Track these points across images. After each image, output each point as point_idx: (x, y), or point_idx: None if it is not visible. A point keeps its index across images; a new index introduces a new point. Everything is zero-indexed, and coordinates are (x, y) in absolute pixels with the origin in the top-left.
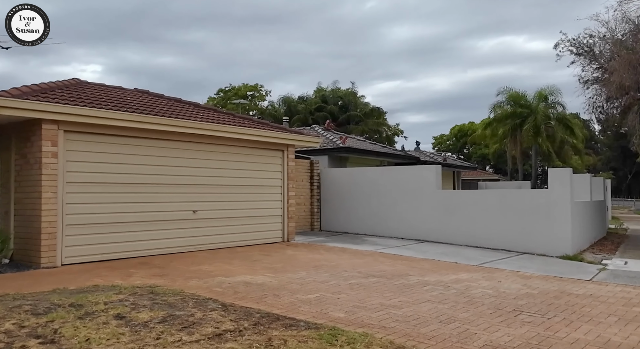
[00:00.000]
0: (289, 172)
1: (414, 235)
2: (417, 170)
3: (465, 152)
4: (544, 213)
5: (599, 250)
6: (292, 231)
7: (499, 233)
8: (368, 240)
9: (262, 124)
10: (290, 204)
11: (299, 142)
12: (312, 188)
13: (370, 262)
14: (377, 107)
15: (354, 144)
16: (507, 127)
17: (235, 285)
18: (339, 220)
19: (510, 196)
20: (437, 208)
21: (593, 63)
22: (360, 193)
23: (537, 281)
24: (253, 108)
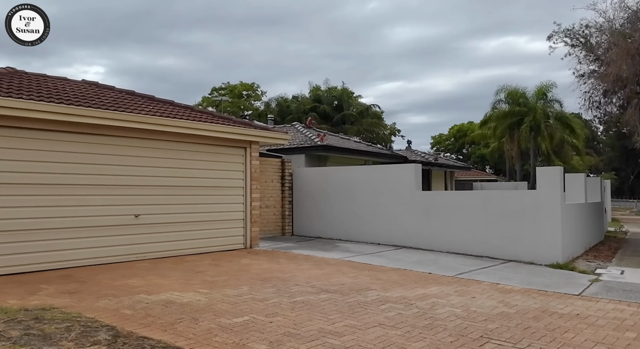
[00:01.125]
0: (252, 171)
1: (392, 240)
2: (393, 169)
3: (464, 152)
4: (531, 216)
5: (593, 257)
6: (256, 236)
7: (482, 239)
8: (340, 246)
9: (224, 119)
10: (254, 207)
11: (263, 139)
12: (283, 189)
13: (331, 273)
14: (371, 105)
15: (334, 142)
16: (505, 126)
17: (153, 305)
18: (313, 223)
19: (495, 198)
20: (415, 211)
21: (589, 55)
22: (335, 194)
23: (517, 297)
24: (248, 108)
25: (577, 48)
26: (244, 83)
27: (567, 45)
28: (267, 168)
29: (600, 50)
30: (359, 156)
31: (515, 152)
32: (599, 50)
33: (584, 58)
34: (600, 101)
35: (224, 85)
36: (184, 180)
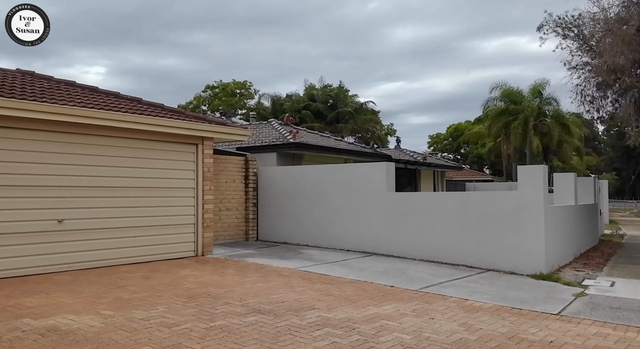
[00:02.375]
0: (204, 171)
1: (362, 246)
2: (364, 168)
3: (462, 152)
4: (512, 220)
5: (583, 265)
6: (209, 243)
7: (458, 245)
8: (304, 254)
9: (174, 113)
10: (207, 210)
11: (218, 135)
12: (247, 190)
13: (277, 287)
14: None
15: (310, 139)
16: (500, 125)
17: (30, 333)
18: (279, 228)
19: (473, 200)
20: (387, 214)
21: (582, 46)
22: (302, 195)
23: (484, 318)
24: (241, 107)
25: (569, 39)
26: (236, 82)
27: (558, 35)
28: (228, 167)
29: (594, 40)
30: (338, 154)
31: (511, 151)
32: (592, 41)
33: (576, 50)
34: (594, 95)
35: (217, 84)
36: (121, 180)
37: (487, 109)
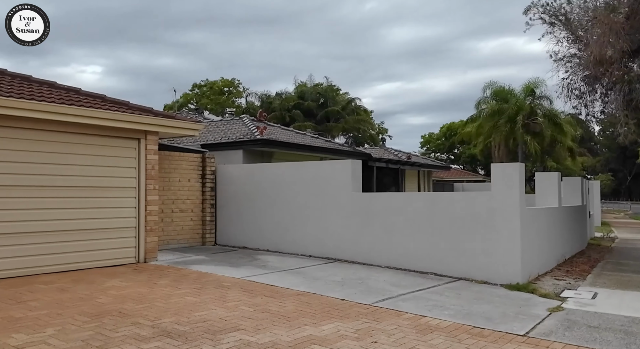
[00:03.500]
0: (148, 168)
1: (324, 252)
2: (328, 166)
3: (455, 152)
4: (485, 224)
5: (566, 273)
6: (153, 248)
7: (427, 251)
8: (259, 260)
9: (115, 104)
10: (150, 212)
11: (164, 128)
12: (204, 190)
13: (207, 302)
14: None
15: (282, 136)
16: (492, 124)
17: None
18: (238, 231)
19: (443, 201)
20: (352, 216)
21: (569, 36)
22: (263, 196)
23: (437, 341)
24: (229, 105)
25: (557, 28)
26: (224, 80)
27: (545, 22)
28: (182, 164)
29: (581, 30)
30: (312, 152)
31: (502, 151)
32: (580, 31)
33: (563, 40)
34: (581, 89)
35: (204, 82)
36: (46, 178)
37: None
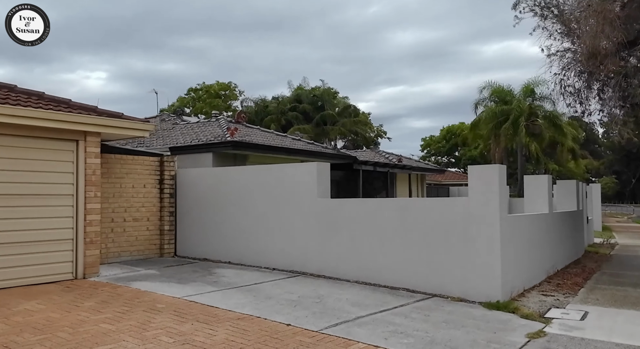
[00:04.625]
0: (88, 173)
1: (289, 264)
2: (291, 169)
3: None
4: (461, 233)
5: (555, 287)
6: (94, 262)
7: (399, 264)
8: (215, 274)
9: (55, 103)
10: (90, 222)
11: (107, 129)
12: (162, 196)
13: (120, 332)
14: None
15: (257, 138)
16: (491, 126)
17: None
18: (199, 241)
19: (415, 208)
20: (317, 225)
21: (562, 28)
22: (225, 202)
23: None
24: (226, 109)
25: (548, 20)
26: (220, 83)
27: (535, 15)
28: (137, 169)
29: (574, 22)
30: (289, 155)
31: (501, 153)
32: (572, 23)
33: (555, 32)
34: (575, 85)
35: (199, 86)
36: None
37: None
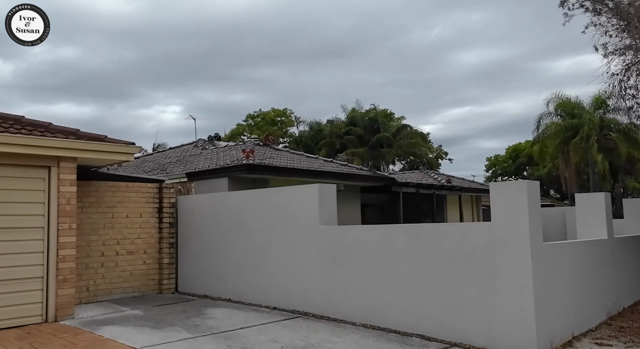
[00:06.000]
0: (61, 203)
1: (290, 302)
2: (291, 193)
3: (525, 174)
4: (483, 266)
5: (617, 332)
6: (67, 303)
7: (410, 303)
8: (204, 315)
9: (30, 126)
10: (64, 257)
11: (83, 153)
12: (161, 226)
13: None
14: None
15: (283, 160)
16: (557, 142)
17: None
18: (200, 275)
19: (427, 235)
20: (319, 256)
21: (621, 23)
22: (224, 231)
23: None
24: (282, 135)
25: (603, 15)
26: (276, 109)
27: (587, 11)
28: (131, 197)
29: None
30: (316, 178)
31: (570, 171)
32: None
33: (612, 28)
34: (638, 86)
35: (256, 113)
36: None
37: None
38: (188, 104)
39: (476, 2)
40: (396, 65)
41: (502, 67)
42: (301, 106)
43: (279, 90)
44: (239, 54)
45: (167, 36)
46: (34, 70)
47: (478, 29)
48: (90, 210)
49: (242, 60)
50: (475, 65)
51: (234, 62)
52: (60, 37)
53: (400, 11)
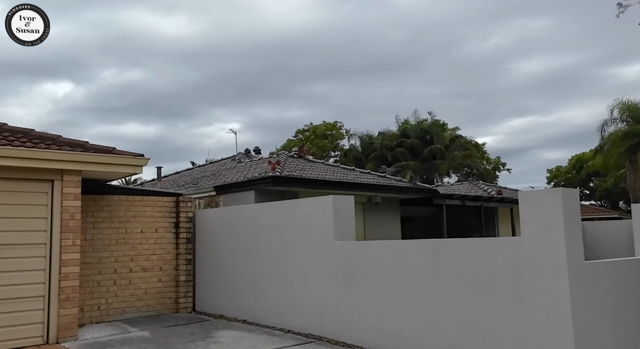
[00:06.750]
0: (65, 219)
1: (305, 324)
2: (304, 206)
3: (590, 185)
4: (511, 289)
5: None
6: (70, 323)
7: (430, 330)
8: (212, 339)
9: (37, 138)
10: (67, 275)
11: (88, 166)
12: (177, 242)
13: None
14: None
15: (315, 172)
16: (623, 150)
17: None
18: (216, 294)
19: (448, 252)
20: (334, 274)
21: None
22: (239, 246)
23: None
24: (333, 149)
25: None
26: (326, 123)
27: None
28: (146, 211)
29: None
30: (348, 190)
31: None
32: None
33: None
34: None
35: (306, 127)
36: None
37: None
38: (247, 121)
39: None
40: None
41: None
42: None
43: (333, 105)
44: (294, 71)
45: (226, 56)
46: (104, 93)
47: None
48: (102, 225)
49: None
50: (536, 74)
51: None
52: (127, 60)
53: (455, 22)
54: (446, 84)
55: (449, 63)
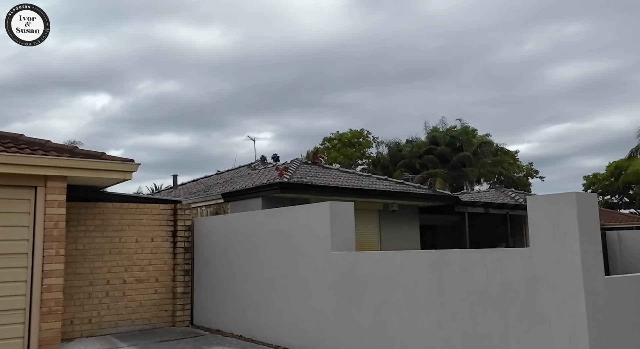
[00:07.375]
0: (48, 227)
1: (303, 343)
2: (301, 213)
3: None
4: (522, 305)
5: None
6: (52, 338)
7: (436, 347)
8: None
9: (25, 144)
10: (49, 287)
11: (73, 171)
12: (175, 252)
13: None
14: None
15: (322, 178)
16: None
17: None
18: (213, 307)
19: (453, 265)
20: (332, 288)
21: None
22: (235, 257)
23: None
24: (360, 157)
25: None
26: (353, 131)
27: None
28: (142, 219)
29: None
30: (362, 197)
31: None
32: None
33: None
34: None
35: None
36: None
37: None
38: (278, 130)
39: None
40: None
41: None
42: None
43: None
44: (326, 80)
45: (258, 66)
46: (140, 105)
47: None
48: (94, 233)
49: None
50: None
51: (321, 88)
52: (162, 73)
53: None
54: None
55: (481, 70)
